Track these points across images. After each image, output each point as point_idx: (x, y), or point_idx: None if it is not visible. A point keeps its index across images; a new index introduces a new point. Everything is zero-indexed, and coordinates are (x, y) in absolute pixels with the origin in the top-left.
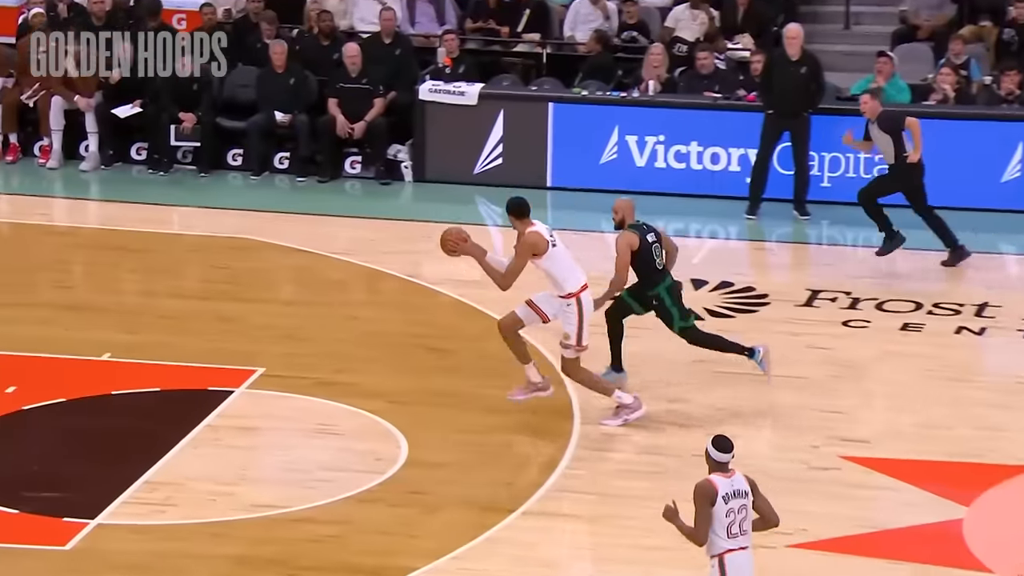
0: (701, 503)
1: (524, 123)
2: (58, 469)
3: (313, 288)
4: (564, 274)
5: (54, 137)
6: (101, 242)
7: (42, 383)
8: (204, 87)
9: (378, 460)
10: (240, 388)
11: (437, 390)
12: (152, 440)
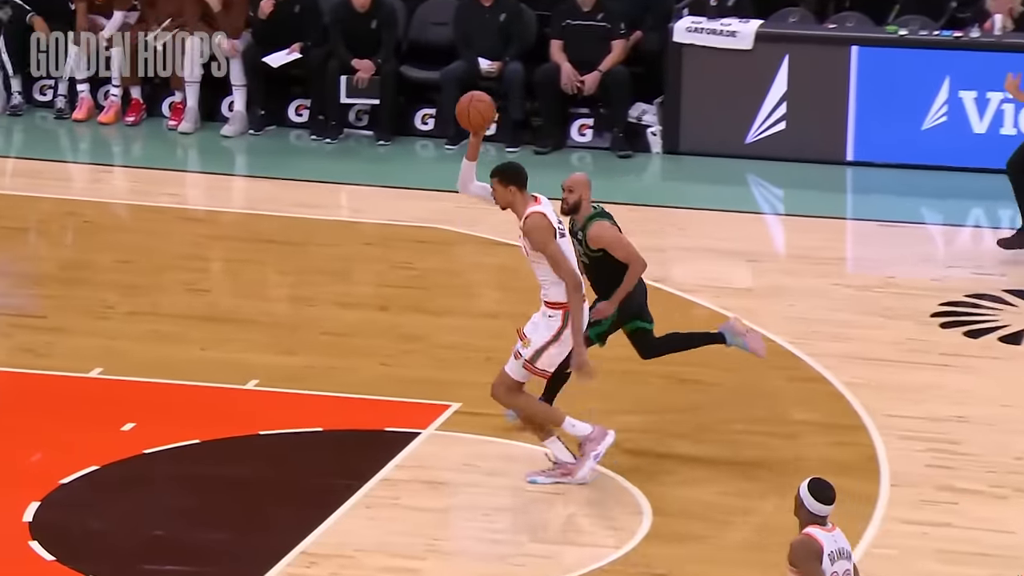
0: (809, 561)
1: (817, 74)
2: (188, 534)
3: (522, 295)
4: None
5: (188, 92)
6: (247, 232)
7: (169, 419)
8: (385, 25)
9: (611, 529)
10: (427, 430)
11: (689, 436)
12: (312, 497)
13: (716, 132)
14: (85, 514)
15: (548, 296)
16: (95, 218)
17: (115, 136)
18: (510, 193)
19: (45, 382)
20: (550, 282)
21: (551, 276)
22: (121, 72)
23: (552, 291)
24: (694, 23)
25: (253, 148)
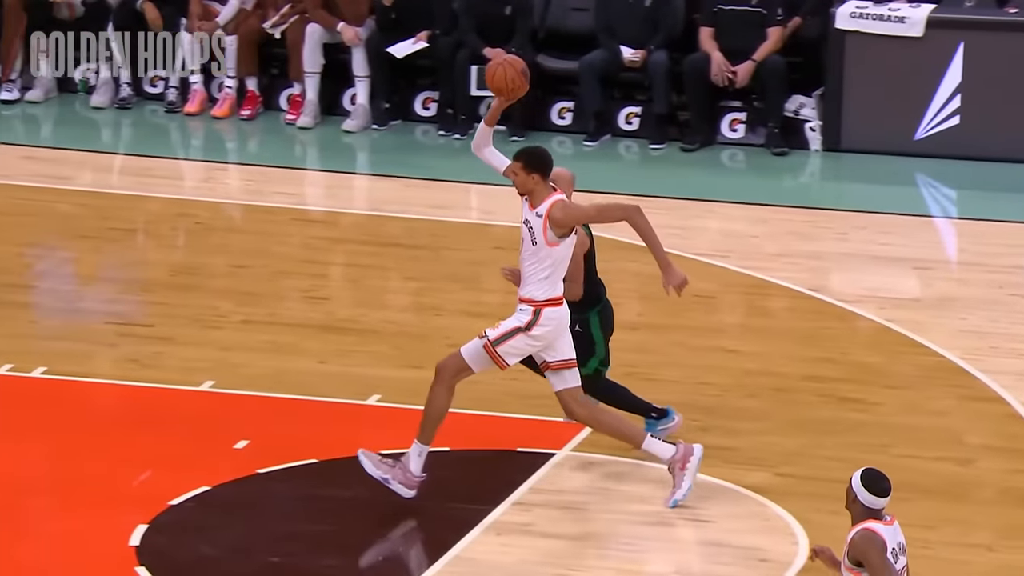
0: (878, 555)
1: (995, 64)
2: (305, 561)
3: (668, 304)
4: (561, 275)
5: (308, 84)
6: (370, 234)
7: (285, 437)
8: (520, 11)
9: (762, 561)
10: (563, 450)
11: (847, 459)
12: (438, 522)
13: (882, 127)
14: (195, 538)
15: (527, 292)
16: (207, 219)
17: (229, 131)
18: (532, 181)
19: (153, 395)
20: (537, 278)
21: (541, 272)
22: (236, 63)
23: (534, 288)
24: (858, 8)
25: (376, 144)
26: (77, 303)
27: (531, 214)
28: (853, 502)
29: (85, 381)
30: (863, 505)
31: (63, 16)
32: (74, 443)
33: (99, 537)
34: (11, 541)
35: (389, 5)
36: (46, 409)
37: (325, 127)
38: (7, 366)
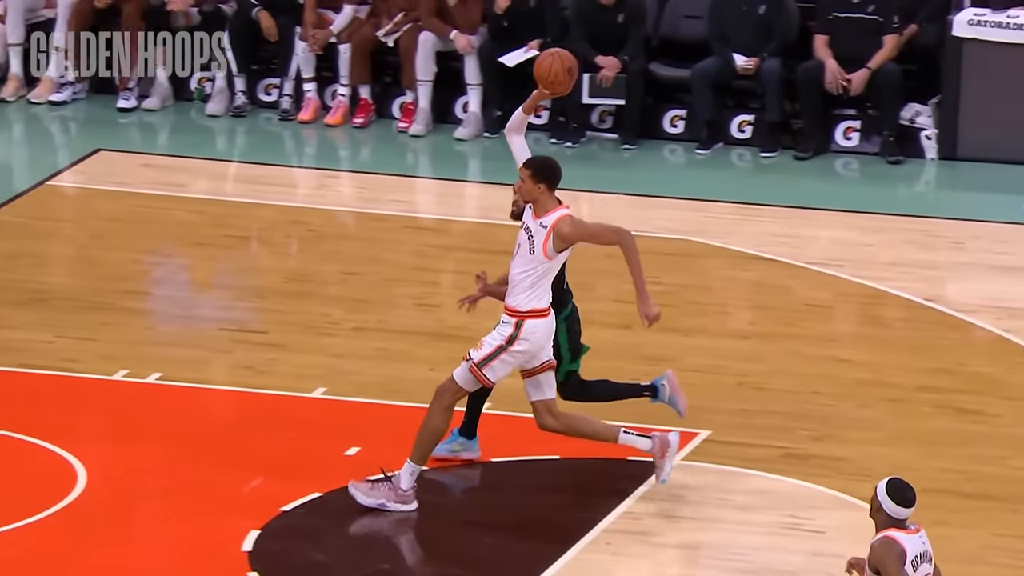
0: (895, 563)
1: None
2: (417, 568)
3: (780, 314)
4: (548, 288)
5: (420, 92)
6: (481, 242)
7: (396, 444)
8: (633, 19)
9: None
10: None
11: (963, 471)
12: (547, 530)
13: (999, 136)
14: (307, 545)
15: (512, 301)
16: (320, 227)
17: (342, 139)
18: (538, 190)
19: (265, 402)
20: (524, 287)
21: (527, 280)
22: (350, 71)
23: (520, 297)
24: (976, 15)
25: (488, 152)
26: (192, 310)
27: (534, 223)
28: (877, 511)
29: (199, 387)
30: (887, 514)
31: (180, 25)
32: (188, 449)
33: (212, 542)
34: (125, 546)
35: (501, 13)
36: (160, 415)
37: (437, 135)
38: (123, 372)
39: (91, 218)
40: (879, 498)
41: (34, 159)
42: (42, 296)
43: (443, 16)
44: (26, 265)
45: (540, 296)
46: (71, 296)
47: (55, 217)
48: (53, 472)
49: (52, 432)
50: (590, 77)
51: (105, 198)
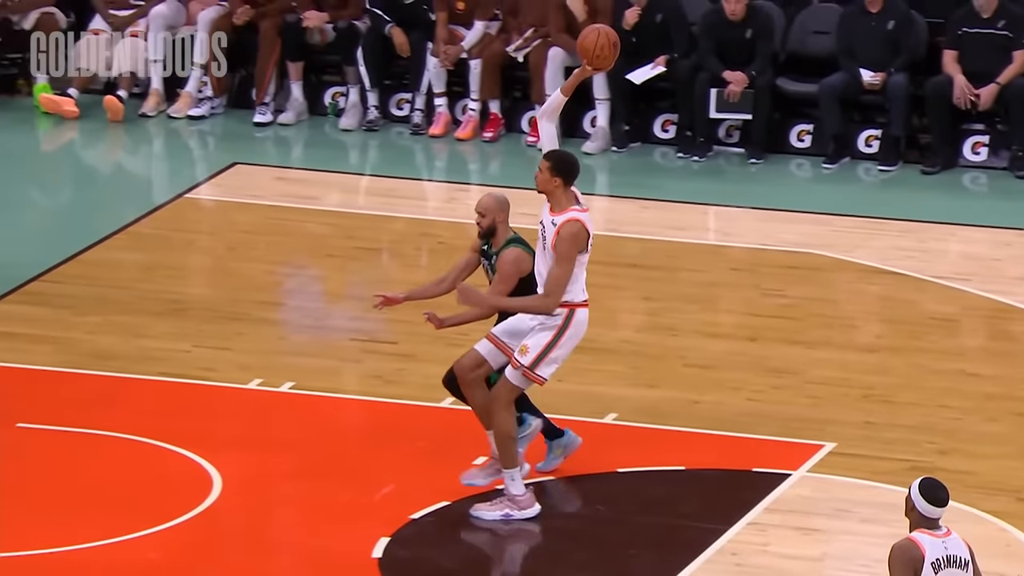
0: (901, 570)
1: None
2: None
3: (907, 328)
4: (579, 283)
5: None
6: (608, 255)
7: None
8: (761, 34)
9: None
10: (799, 471)
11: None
12: (672, 541)
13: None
14: (436, 552)
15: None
16: (449, 239)
17: (472, 152)
18: (554, 184)
19: (395, 411)
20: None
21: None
22: (480, 85)
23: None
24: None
25: (616, 166)
26: (324, 320)
27: (548, 218)
28: (911, 510)
29: (331, 396)
30: (920, 514)
31: (315, 41)
32: (319, 456)
33: (343, 549)
34: (259, 551)
35: (629, 30)
36: (293, 423)
37: (566, 149)
38: (256, 381)
39: (227, 230)
40: (912, 498)
41: (173, 172)
42: (180, 306)
43: (572, 32)
44: (164, 276)
45: (581, 288)
46: (208, 306)
47: (193, 229)
48: (190, 478)
49: (189, 439)
50: (717, 92)
51: (241, 210)
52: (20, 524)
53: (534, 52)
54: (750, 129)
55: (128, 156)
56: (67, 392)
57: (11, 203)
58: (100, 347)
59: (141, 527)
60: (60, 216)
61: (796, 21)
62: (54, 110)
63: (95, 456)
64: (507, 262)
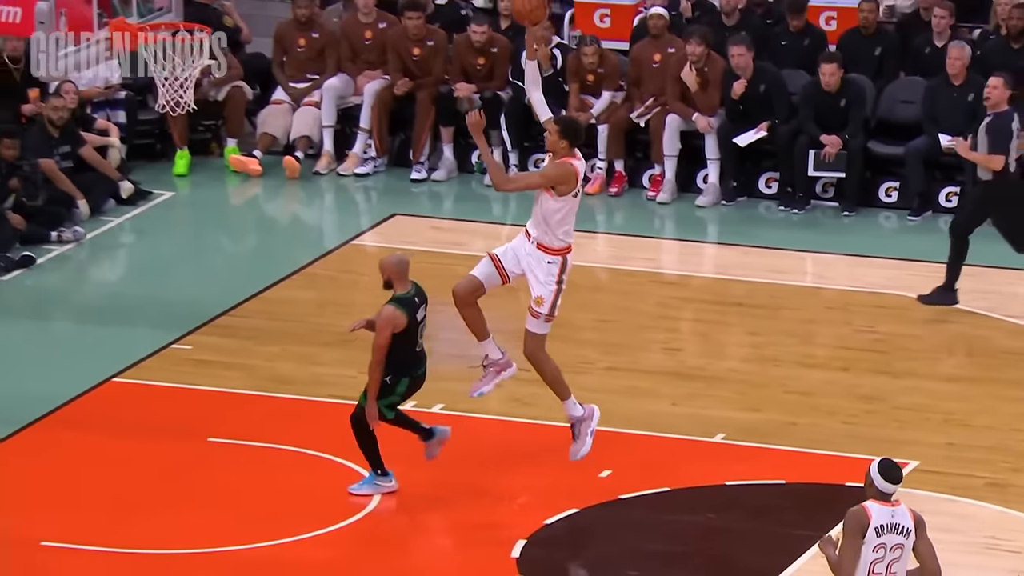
0: (850, 532)
1: None
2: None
3: (982, 360)
4: (567, 226)
5: (667, 165)
6: (717, 295)
7: (642, 468)
8: (854, 103)
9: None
10: None
11: None
12: (774, 546)
13: None
14: (566, 553)
15: (549, 241)
16: (577, 280)
17: (599, 205)
18: (561, 145)
19: (531, 430)
20: (552, 230)
21: (557, 224)
22: (607, 147)
23: (548, 237)
24: None
25: (725, 217)
26: (468, 350)
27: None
28: (870, 486)
29: (475, 416)
30: (877, 488)
31: (464, 109)
32: (465, 468)
33: (486, 550)
34: (412, 551)
35: (737, 99)
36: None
37: (680, 202)
38: (412, 403)
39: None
40: (871, 475)
41: (341, 222)
42: (346, 338)
43: (687, 101)
44: (333, 312)
45: (569, 232)
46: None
47: (358, 271)
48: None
49: (352, 453)
50: (815, 153)
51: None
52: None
53: (654, 118)
54: (844, 186)
55: (303, 208)
56: (250, 411)
57: (205, 249)
58: (279, 373)
59: (313, 528)
60: (245, 259)
61: (885, 92)
62: (241, 168)
63: (274, 466)
64: (382, 316)
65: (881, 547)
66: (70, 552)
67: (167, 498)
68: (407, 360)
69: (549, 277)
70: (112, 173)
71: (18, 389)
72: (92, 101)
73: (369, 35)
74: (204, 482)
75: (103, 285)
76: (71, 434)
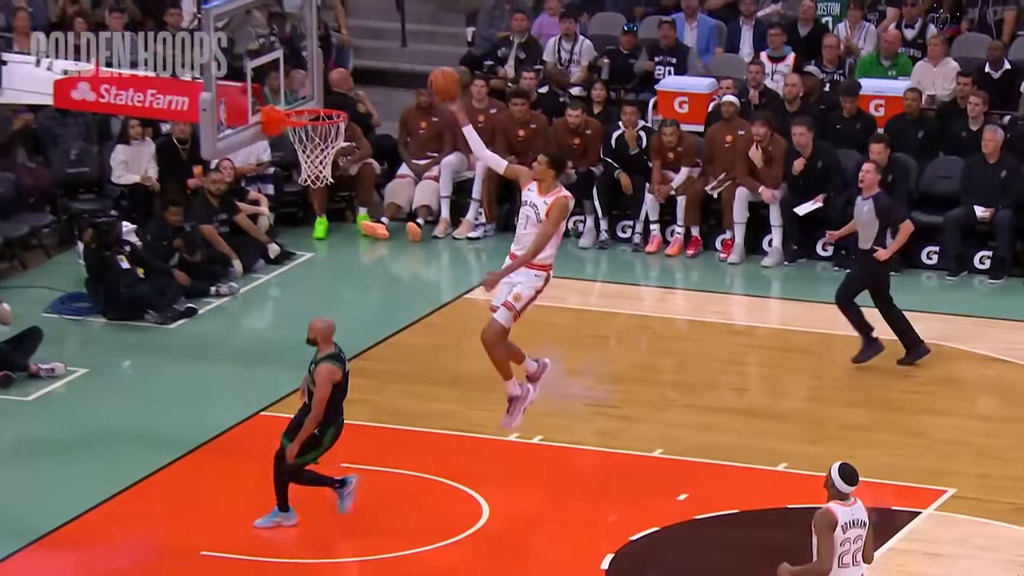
0: (824, 531)
1: None
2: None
3: (1015, 402)
4: (555, 248)
5: (736, 231)
6: (781, 343)
7: (715, 492)
8: (899, 178)
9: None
10: (928, 509)
11: None
12: None
13: None
14: (649, 565)
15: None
16: (660, 330)
17: (678, 265)
18: (549, 174)
19: (618, 459)
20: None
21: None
22: (684, 215)
23: (540, 256)
24: None
25: (787, 276)
26: (565, 390)
27: (539, 198)
28: (831, 486)
29: (570, 447)
30: (836, 489)
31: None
32: (562, 491)
33: (579, 562)
34: (519, 563)
35: (797, 175)
36: (542, 467)
37: (748, 263)
38: (515, 435)
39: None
40: (832, 477)
41: (455, 279)
42: (459, 378)
43: (754, 176)
44: (448, 356)
45: (553, 254)
46: (479, 379)
47: (469, 321)
48: (465, 506)
49: (465, 477)
50: None
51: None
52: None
53: (725, 190)
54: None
55: (423, 267)
56: (375, 440)
57: (339, 302)
58: (400, 407)
59: (429, 542)
60: (373, 311)
61: (927, 169)
62: (371, 233)
63: (396, 488)
64: (321, 373)
65: (847, 541)
66: (225, 560)
67: (305, 513)
68: (336, 411)
69: (534, 281)
70: (262, 237)
71: (182, 420)
72: (246, 176)
73: (482, 119)
74: (333, 502)
75: (253, 332)
76: (226, 459)
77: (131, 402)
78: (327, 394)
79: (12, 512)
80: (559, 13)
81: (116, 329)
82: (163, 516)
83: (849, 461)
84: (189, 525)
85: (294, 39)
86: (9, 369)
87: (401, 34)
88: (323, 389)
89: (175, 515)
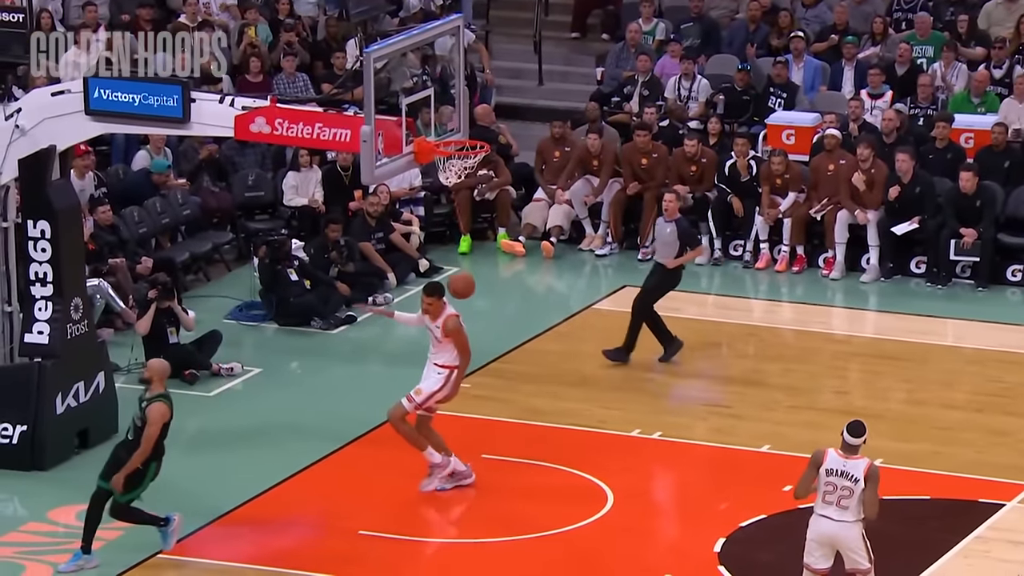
0: (810, 465)
1: None
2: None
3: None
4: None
5: (838, 249)
6: (877, 351)
7: None
8: (987, 203)
9: None
10: (1011, 502)
11: None
12: (923, 547)
13: None
14: (758, 549)
15: (439, 360)
16: (768, 338)
17: (784, 281)
18: (437, 304)
19: (730, 453)
20: (442, 350)
21: (443, 348)
22: (791, 235)
23: (442, 357)
24: None
25: (883, 291)
26: (682, 391)
27: (432, 324)
28: (841, 436)
29: (686, 442)
30: (844, 440)
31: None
32: (678, 482)
33: (694, 545)
34: (639, 546)
35: (893, 199)
36: (660, 459)
37: (849, 279)
38: (637, 430)
39: (618, 330)
40: (844, 431)
41: (587, 291)
42: (586, 380)
43: (856, 199)
44: (576, 360)
45: (453, 358)
46: (604, 380)
47: (594, 328)
48: (592, 494)
49: (591, 467)
50: (955, 242)
51: (626, 318)
52: (480, 519)
53: (828, 213)
54: (978, 268)
55: (555, 280)
56: (512, 434)
57: (482, 313)
58: (533, 405)
59: (561, 525)
60: (510, 319)
61: (1012, 195)
62: (509, 250)
63: (532, 477)
64: (154, 412)
65: (831, 485)
66: (382, 539)
67: (447, 498)
68: (160, 448)
69: (437, 378)
70: (413, 253)
71: (342, 415)
72: (400, 199)
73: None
74: (477, 488)
75: (405, 338)
76: (380, 450)
77: (298, 398)
78: (157, 432)
79: (197, 494)
80: (679, 55)
81: (286, 334)
82: (326, 499)
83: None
84: (349, 507)
85: (444, 78)
86: (194, 368)
87: (538, 74)
88: (155, 427)
89: (336, 498)
